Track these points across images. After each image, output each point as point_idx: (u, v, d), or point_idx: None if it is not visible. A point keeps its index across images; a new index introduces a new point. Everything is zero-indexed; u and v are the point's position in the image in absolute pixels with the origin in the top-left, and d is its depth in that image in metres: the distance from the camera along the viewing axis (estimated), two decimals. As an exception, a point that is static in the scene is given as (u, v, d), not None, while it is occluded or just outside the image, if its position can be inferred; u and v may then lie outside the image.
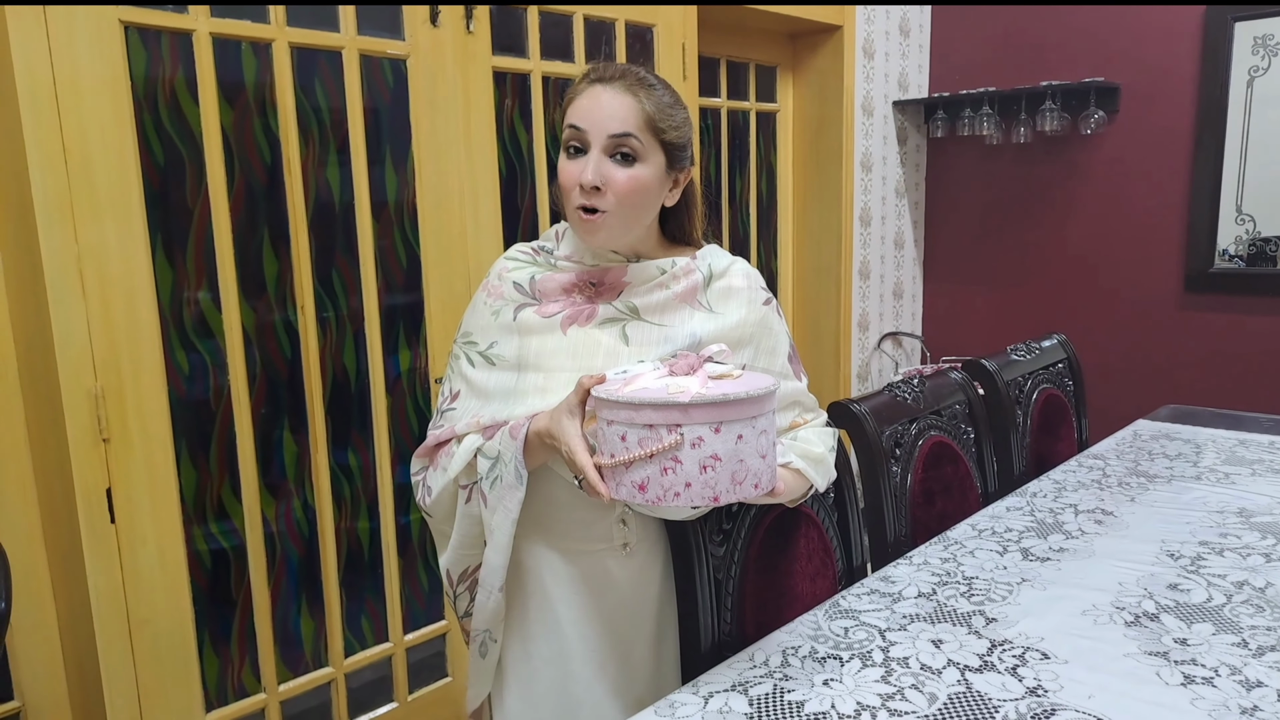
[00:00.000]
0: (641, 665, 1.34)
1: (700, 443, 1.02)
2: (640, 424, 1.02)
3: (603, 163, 1.20)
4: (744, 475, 1.04)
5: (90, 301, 1.70)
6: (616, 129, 1.19)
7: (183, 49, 1.83)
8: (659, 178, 1.24)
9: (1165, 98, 3.35)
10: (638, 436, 1.03)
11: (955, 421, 2.03)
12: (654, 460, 1.02)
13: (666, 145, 1.23)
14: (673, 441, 1.01)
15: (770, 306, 1.33)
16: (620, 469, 1.05)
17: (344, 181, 2.11)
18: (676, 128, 1.24)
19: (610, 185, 1.19)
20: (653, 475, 1.03)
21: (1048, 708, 1.10)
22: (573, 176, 1.21)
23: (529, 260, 1.33)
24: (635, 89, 1.21)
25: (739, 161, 3.46)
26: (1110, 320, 3.58)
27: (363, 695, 2.27)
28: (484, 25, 2.26)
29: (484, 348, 1.29)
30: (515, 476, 1.19)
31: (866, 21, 3.53)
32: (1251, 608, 1.35)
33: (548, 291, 1.28)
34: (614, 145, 1.19)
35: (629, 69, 1.24)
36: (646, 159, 1.21)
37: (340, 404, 2.15)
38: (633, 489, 1.04)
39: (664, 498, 1.03)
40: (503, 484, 1.21)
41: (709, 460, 1.02)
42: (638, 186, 1.21)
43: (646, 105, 1.20)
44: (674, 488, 1.03)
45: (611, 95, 1.20)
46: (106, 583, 1.77)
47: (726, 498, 1.04)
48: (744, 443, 1.03)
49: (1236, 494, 1.85)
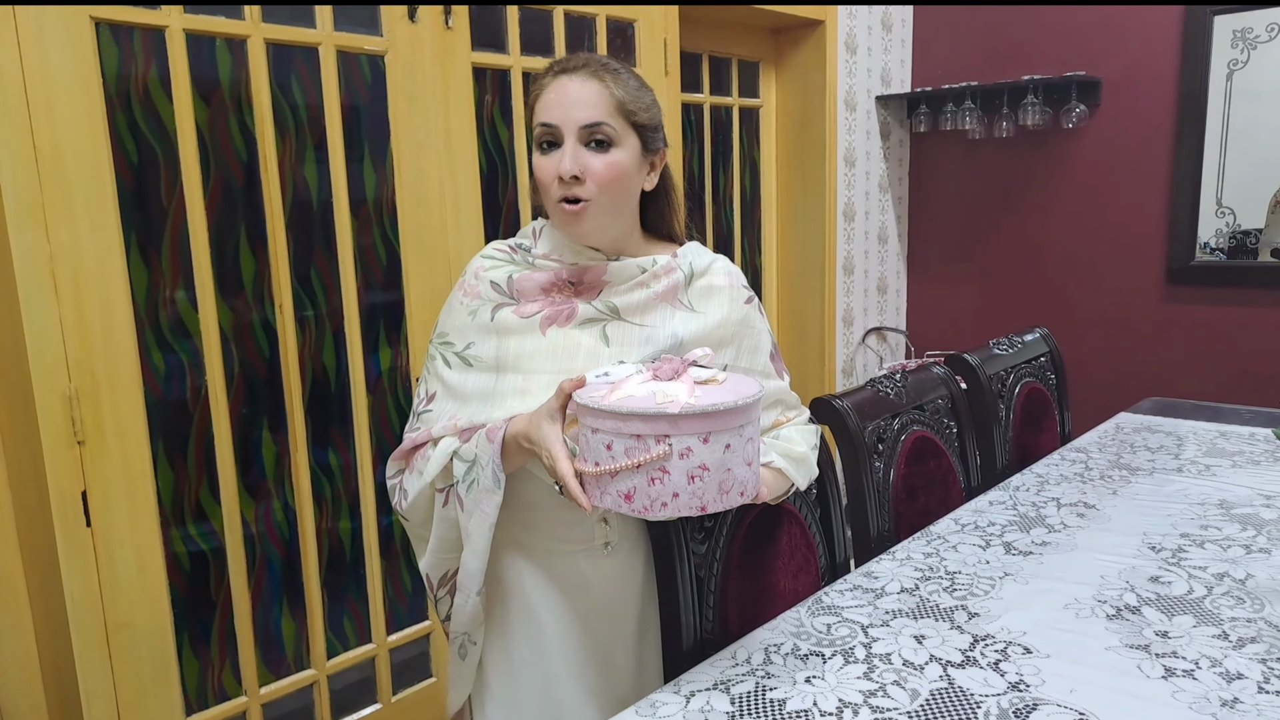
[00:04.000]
0: (623, 665, 1.33)
1: (689, 453, 1.00)
2: (627, 434, 1.00)
3: (579, 152, 1.19)
4: (731, 484, 1.03)
5: (63, 302, 1.68)
6: (588, 118, 1.18)
7: (156, 46, 1.81)
8: (636, 161, 1.23)
9: (1146, 91, 3.37)
10: (624, 446, 1.01)
11: (938, 416, 2.03)
12: (641, 470, 1.00)
13: (639, 128, 1.22)
14: (661, 452, 0.99)
15: (752, 305, 1.33)
16: (605, 478, 1.03)
17: (322, 179, 2.09)
18: (646, 109, 1.23)
19: (589, 173, 1.19)
20: (639, 485, 1.01)
21: (1030, 702, 1.10)
22: (550, 170, 1.20)
23: (506, 259, 1.31)
24: (601, 75, 1.20)
25: (722, 157, 3.45)
26: (1092, 313, 3.60)
27: (346, 697, 2.25)
28: (463, 21, 2.24)
29: (461, 348, 1.27)
30: (493, 480, 1.18)
31: (849, 16, 3.52)
32: (1232, 599, 1.35)
33: (526, 291, 1.26)
34: (588, 134, 1.19)
35: (591, 56, 1.23)
36: (621, 143, 1.20)
37: (320, 403, 2.13)
38: (618, 498, 1.02)
39: (651, 508, 1.01)
40: (480, 488, 1.19)
41: (697, 470, 1.01)
42: (617, 172, 1.20)
43: (615, 90, 1.20)
44: (661, 498, 1.01)
45: (579, 85, 1.19)
46: (83, 587, 1.75)
47: (713, 507, 1.03)
48: (731, 452, 1.02)
49: (1217, 486, 1.86)
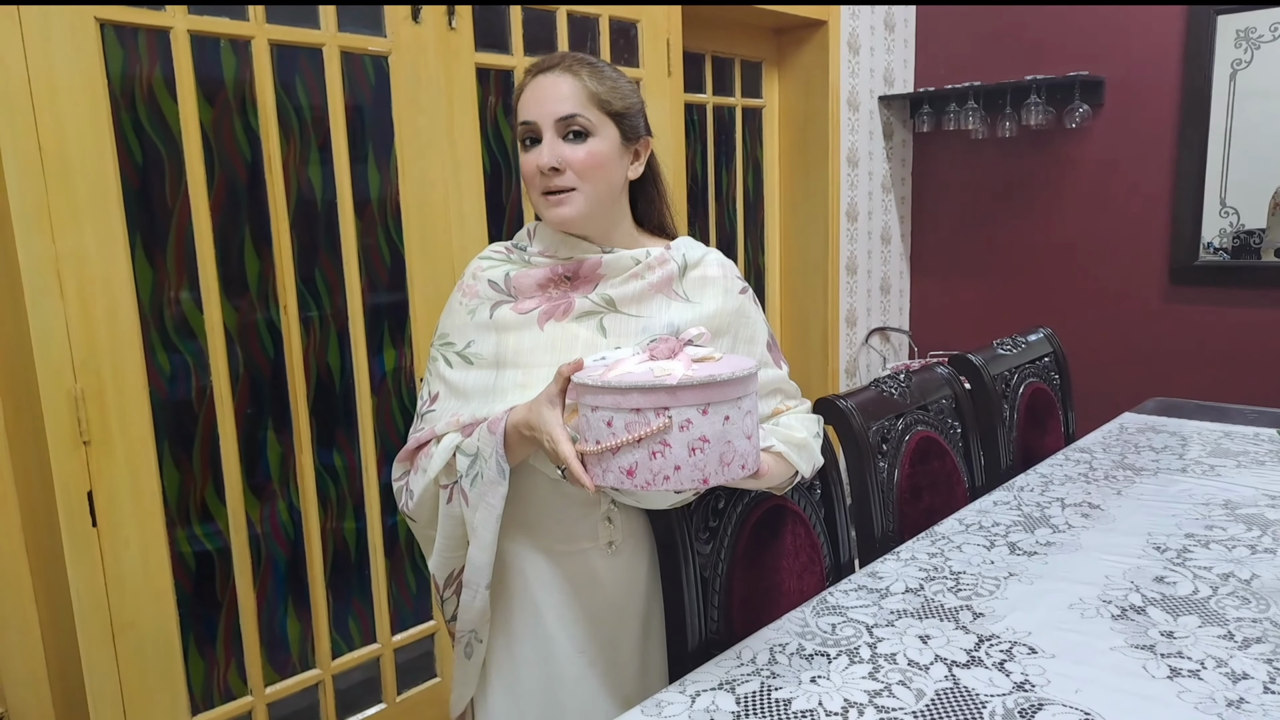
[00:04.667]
0: (627, 665, 1.33)
1: (689, 425, 1.01)
2: (627, 408, 1.02)
3: (556, 144, 1.21)
4: (731, 456, 1.04)
5: (69, 302, 1.68)
6: (562, 111, 1.21)
7: (160, 47, 1.81)
8: (616, 149, 1.25)
9: (1149, 91, 3.36)
10: (624, 421, 1.02)
11: (942, 416, 2.03)
12: (642, 445, 1.02)
13: (616, 116, 1.24)
14: (661, 425, 1.01)
15: (746, 295, 1.35)
16: (607, 455, 1.04)
17: (326, 179, 2.09)
18: (623, 98, 1.25)
19: (568, 163, 1.21)
20: (641, 460, 1.02)
21: (1035, 702, 1.10)
22: (531, 165, 1.23)
23: (503, 259, 1.33)
24: (574, 68, 1.23)
25: (725, 157, 3.45)
26: (1096, 313, 3.59)
27: (350, 696, 2.25)
28: (466, 22, 2.25)
29: (461, 347, 1.28)
30: (497, 471, 1.18)
31: (851, 17, 3.52)
32: (1237, 599, 1.35)
33: (523, 288, 1.28)
34: (564, 127, 1.21)
35: (566, 54, 1.26)
36: (599, 133, 1.23)
37: (325, 404, 2.13)
38: (620, 474, 1.03)
39: (654, 481, 1.02)
40: (484, 480, 1.20)
41: (697, 443, 1.02)
42: (595, 161, 1.22)
43: (589, 82, 1.22)
44: (663, 471, 1.02)
45: (553, 81, 1.22)
46: (89, 587, 1.75)
47: (715, 479, 1.04)
48: (731, 424, 1.03)
49: (1222, 486, 1.86)
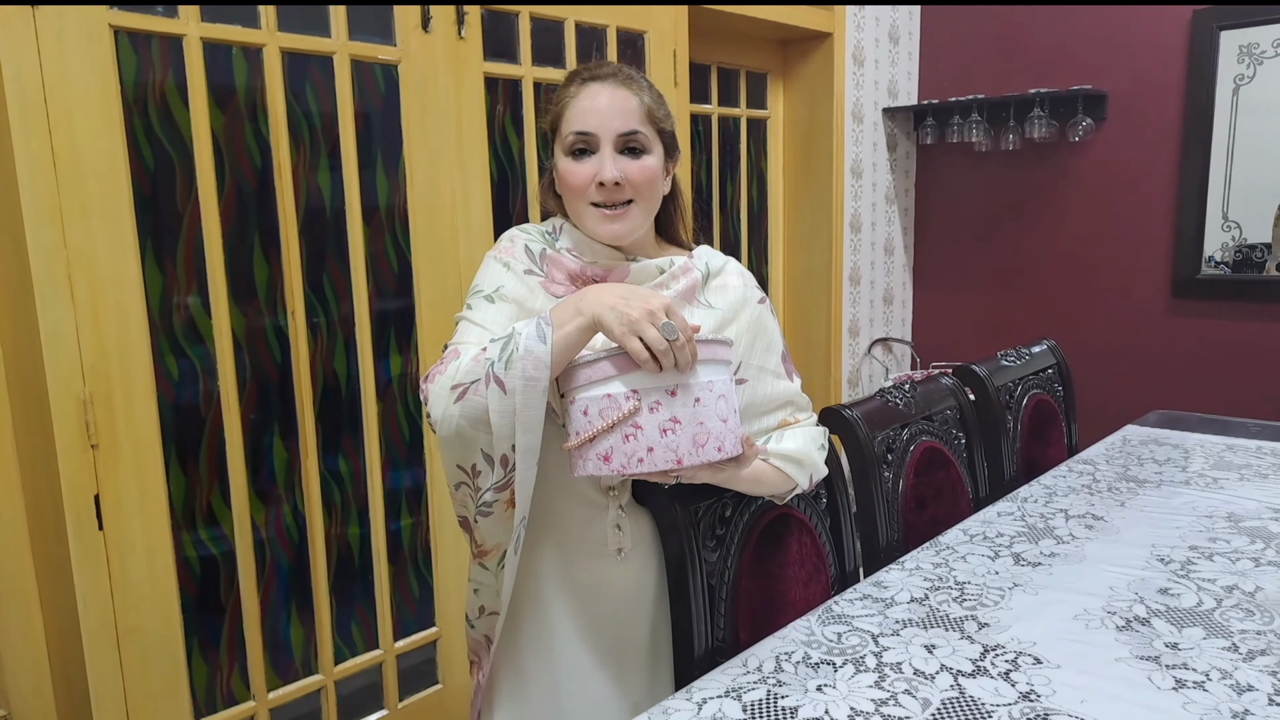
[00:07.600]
0: (635, 672, 1.34)
1: (658, 407, 1.06)
2: (600, 395, 1.07)
3: (616, 158, 1.23)
4: (705, 438, 1.08)
5: (79, 307, 1.69)
6: (625, 126, 1.23)
7: (173, 53, 1.82)
8: (662, 166, 1.28)
9: (1152, 105, 3.38)
10: (598, 409, 1.07)
11: (946, 427, 2.04)
12: (615, 430, 1.06)
13: (663, 135, 1.28)
14: (631, 408, 1.06)
15: (765, 306, 1.36)
16: (586, 446, 1.08)
17: (335, 186, 2.10)
18: (668, 117, 1.29)
19: (628, 179, 1.23)
20: (615, 444, 1.07)
21: (1040, 712, 1.10)
22: (586, 177, 1.23)
23: (539, 236, 1.31)
24: (629, 84, 1.25)
25: (730, 167, 3.46)
26: (1098, 326, 3.60)
27: (353, 702, 2.25)
28: (475, 31, 2.26)
29: (490, 291, 1.25)
30: (536, 334, 1.08)
31: (856, 29, 3.54)
32: (1241, 612, 1.36)
33: (555, 271, 1.28)
34: (623, 142, 1.23)
35: (616, 66, 1.27)
36: (652, 150, 1.26)
37: (331, 409, 2.14)
38: (598, 461, 1.08)
39: (629, 465, 1.07)
40: (520, 352, 1.08)
41: (669, 424, 1.06)
42: (650, 176, 1.25)
43: (645, 99, 1.25)
44: (637, 454, 1.06)
45: (610, 93, 1.23)
46: (94, 590, 1.75)
47: (690, 460, 1.07)
48: (702, 406, 1.08)
49: (1225, 499, 1.86)
